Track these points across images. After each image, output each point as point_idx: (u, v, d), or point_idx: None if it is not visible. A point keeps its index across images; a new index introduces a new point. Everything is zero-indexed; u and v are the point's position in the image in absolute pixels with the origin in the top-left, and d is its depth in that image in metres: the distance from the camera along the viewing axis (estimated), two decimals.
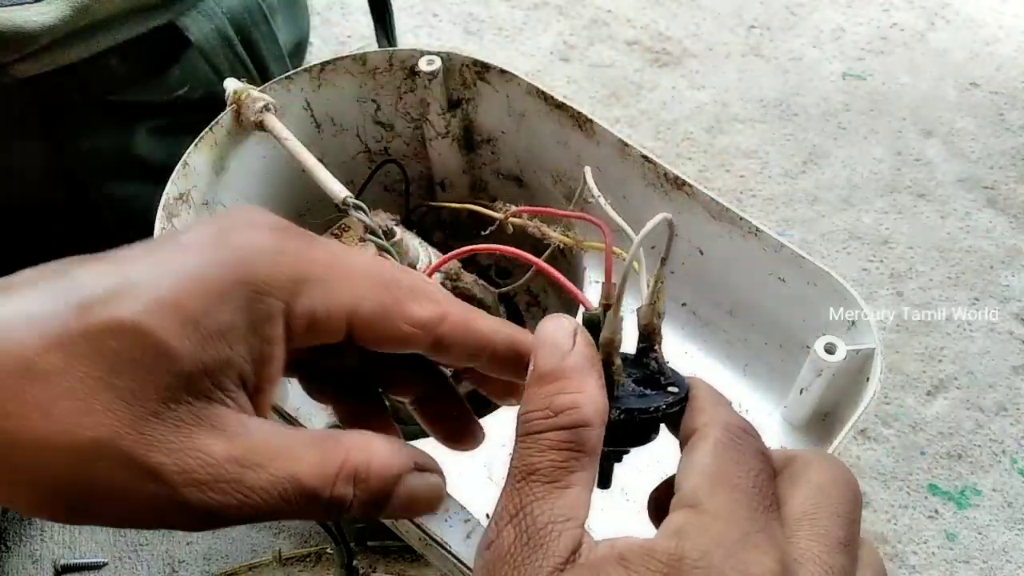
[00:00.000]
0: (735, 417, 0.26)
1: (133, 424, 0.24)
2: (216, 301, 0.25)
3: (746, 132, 0.82)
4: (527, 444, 0.25)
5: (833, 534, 0.24)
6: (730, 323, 0.51)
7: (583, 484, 0.25)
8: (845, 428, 0.41)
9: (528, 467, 0.25)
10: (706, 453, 0.25)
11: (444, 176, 0.59)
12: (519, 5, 0.94)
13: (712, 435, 0.25)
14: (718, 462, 0.24)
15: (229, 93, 0.50)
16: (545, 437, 0.25)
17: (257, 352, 0.26)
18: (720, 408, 0.26)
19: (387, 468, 0.27)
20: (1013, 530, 0.59)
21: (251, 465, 0.25)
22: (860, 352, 0.42)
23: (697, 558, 0.22)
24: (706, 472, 0.24)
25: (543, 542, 0.23)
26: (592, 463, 0.25)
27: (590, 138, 0.50)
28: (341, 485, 0.26)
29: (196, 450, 0.24)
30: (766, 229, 0.46)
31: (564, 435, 0.25)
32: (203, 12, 0.60)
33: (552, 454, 0.25)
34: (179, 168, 0.48)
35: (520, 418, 0.26)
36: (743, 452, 0.25)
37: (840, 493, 0.25)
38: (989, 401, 0.65)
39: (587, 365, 0.26)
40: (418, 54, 0.53)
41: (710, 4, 0.93)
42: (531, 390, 0.26)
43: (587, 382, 0.26)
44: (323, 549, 0.56)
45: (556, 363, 0.26)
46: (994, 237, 0.74)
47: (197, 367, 0.25)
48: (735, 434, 0.25)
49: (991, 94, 0.84)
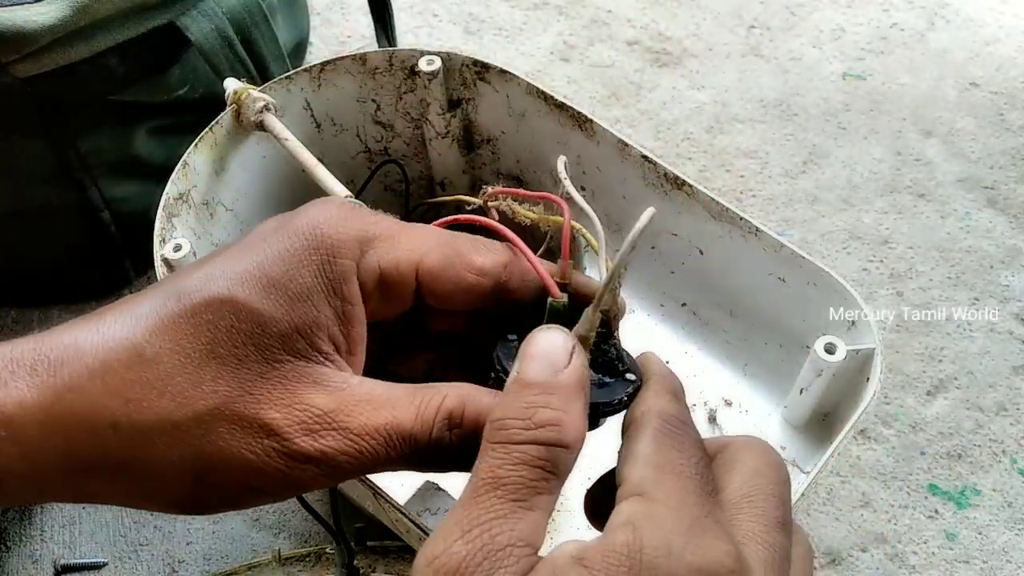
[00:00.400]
0: (673, 406, 0.26)
1: (242, 387, 0.26)
2: (296, 266, 0.27)
3: (746, 132, 0.82)
4: (499, 453, 0.24)
5: (771, 514, 0.25)
6: (730, 323, 0.51)
7: (545, 509, 0.24)
8: (845, 428, 0.41)
9: (495, 479, 0.23)
10: (647, 442, 0.25)
11: (444, 176, 0.59)
12: (519, 5, 0.94)
13: (651, 424, 0.26)
14: (660, 450, 0.25)
15: (229, 93, 0.50)
16: (520, 449, 0.24)
17: (341, 312, 0.28)
18: (660, 397, 0.27)
19: (480, 414, 0.27)
20: (1013, 530, 0.59)
21: (355, 414, 0.26)
22: (860, 352, 0.43)
23: (657, 546, 0.22)
24: (650, 461, 0.24)
25: (499, 566, 0.22)
26: (558, 489, 0.24)
27: (590, 138, 0.50)
28: (438, 429, 0.27)
29: (303, 403, 0.26)
30: (766, 229, 0.46)
31: (540, 451, 0.24)
32: (203, 12, 0.60)
33: (524, 470, 0.23)
34: (179, 168, 0.48)
35: (493, 423, 0.25)
36: (682, 441, 0.25)
37: (774, 475, 0.26)
38: (989, 401, 0.65)
39: (578, 388, 0.25)
40: (418, 54, 0.53)
41: (710, 4, 0.93)
42: (511, 396, 0.25)
43: (574, 405, 0.25)
44: (323, 549, 0.56)
45: (547, 377, 0.25)
46: (994, 237, 0.74)
47: (290, 327, 0.27)
48: (673, 424, 0.26)
49: (991, 94, 0.84)
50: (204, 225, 0.50)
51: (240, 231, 0.54)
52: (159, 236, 0.46)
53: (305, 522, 0.60)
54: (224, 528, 0.61)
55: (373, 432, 0.26)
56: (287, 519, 0.61)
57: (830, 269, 0.44)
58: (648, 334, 0.54)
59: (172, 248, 0.45)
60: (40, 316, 0.72)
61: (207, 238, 0.50)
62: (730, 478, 0.26)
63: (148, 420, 0.25)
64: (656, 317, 0.55)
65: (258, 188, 0.54)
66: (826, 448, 0.42)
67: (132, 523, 0.61)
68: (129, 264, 0.71)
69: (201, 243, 0.49)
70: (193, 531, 0.61)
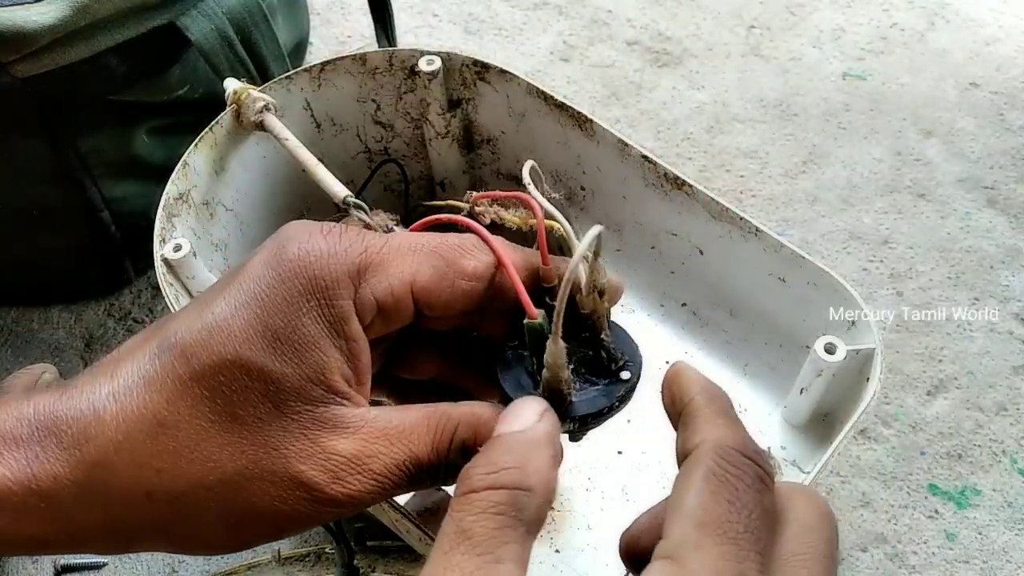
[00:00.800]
0: (732, 433, 0.24)
1: (267, 444, 0.27)
2: (296, 315, 0.28)
3: (746, 132, 0.82)
4: (463, 504, 0.24)
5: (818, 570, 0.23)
6: (730, 323, 0.51)
7: (515, 560, 0.23)
8: (845, 428, 0.41)
9: (460, 531, 0.23)
10: (696, 491, 0.23)
11: (444, 176, 0.59)
12: (519, 5, 0.94)
13: (704, 463, 0.23)
14: (708, 503, 0.22)
15: (229, 93, 0.50)
16: (481, 496, 0.24)
17: (346, 351, 0.28)
18: (715, 423, 0.25)
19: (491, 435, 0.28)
20: (1013, 530, 0.59)
21: (375, 454, 0.28)
22: (860, 352, 0.42)
23: None
24: (694, 517, 0.22)
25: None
26: (528, 538, 0.24)
27: (590, 138, 0.50)
28: (454, 456, 0.28)
29: (327, 452, 0.27)
30: (766, 229, 0.46)
31: (502, 496, 0.23)
32: (203, 12, 0.60)
33: (487, 519, 0.23)
34: (179, 168, 0.48)
35: (461, 475, 0.25)
36: (738, 486, 0.23)
37: (826, 532, 0.24)
38: (989, 401, 0.65)
39: (544, 441, 0.26)
40: (418, 54, 0.53)
41: (710, 4, 0.93)
42: (481, 452, 0.26)
43: (539, 452, 0.25)
44: (322, 548, 0.56)
45: (513, 432, 0.26)
46: (994, 237, 0.74)
47: (303, 379, 0.27)
48: (732, 461, 0.23)
49: (991, 94, 0.84)
50: (204, 225, 0.50)
51: (240, 231, 0.54)
52: (159, 236, 0.46)
53: None
54: None
55: (394, 469, 0.28)
56: None
57: (830, 269, 0.44)
58: (648, 334, 0.54)
59: (172, 248, 0.45)
60: (40, 316, 0.72)
61: (207, 238, 0.50)
62: (780, 530, 0.24)
63: (181, 487, 0.26)
64: (656, 317, 0.55)
65: (258, 188, 0.54)
66: (826, 448, 0.42)
67: None
68: (129, 264, 0.71)
69: (201, 243, 0.49)
70: None
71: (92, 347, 0.70)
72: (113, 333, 0.71)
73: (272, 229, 0.56)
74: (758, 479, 0.23)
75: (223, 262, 0.52)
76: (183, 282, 0.46)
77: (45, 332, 0.71)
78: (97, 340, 0.70)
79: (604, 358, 0.30)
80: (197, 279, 0.47)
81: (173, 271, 0.46)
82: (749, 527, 0.22)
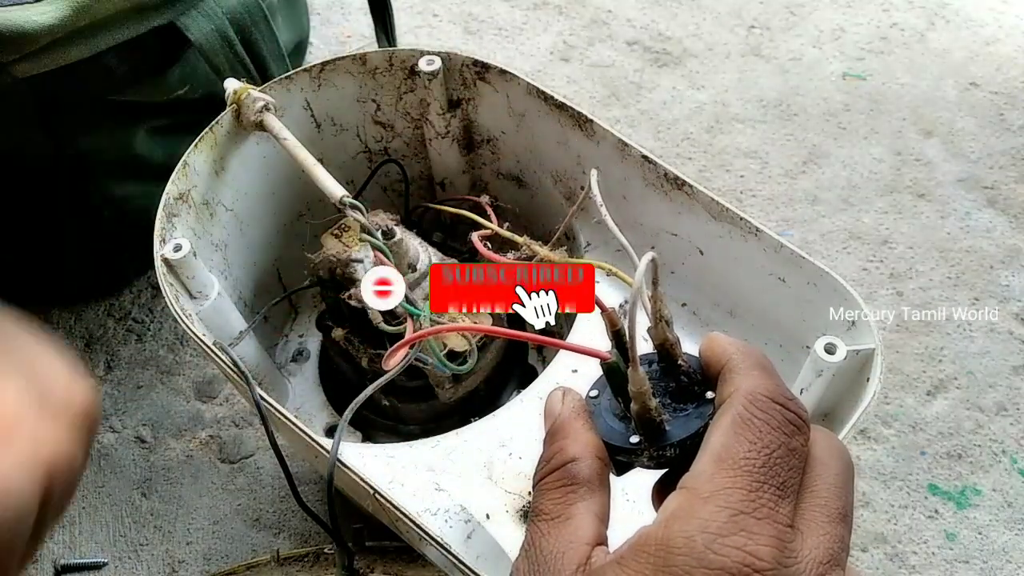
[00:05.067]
0: (763, 381, 0.26)
1: None
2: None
3: (746, 132, 0.82)
4: (535, 493, 0.28)
5: (832, 505, 0.25)
6: (730, 323, 0.51)
7: (585, 511, 0.27)
8: (845, 428, 0.41)
9: (536, 511, 0.28)
10: (721, 431, 0.25)
11: (444, 176, 0.59)
12: (519, 5, 0.94)
13: (732, 410, 0.25)
14: (730, 441, 0.25)
15: (229, 93, 0.50)
16: (543, 483, 0.28)
17: None
18: (749, 374, 0.26)
19: None
20: (1013, 530, 0.59)
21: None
22: (860, 352, 0.42)
23: (680, 545, 0.23)
24: (714, 453, 0.25)
25: (550, 565, 0.26)
26: (591, 491, 0.27)
27: (590, 138, 0.50)
28: None
29: None
30: (766, 229, 0.46)
31: (556, 475, 0.28)
32: (203, 12, 0.60)
33: (551, 494, 0.27)
34: (179, 168, 0.48)
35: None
36: (762, 428, 0.25)
37: (836, 464, 0.26)
38: (989, 401, 0.65)
39: (572, 416, 0.29)
40: (418, 54, 0.53)
41: (710, 4, 0.93)
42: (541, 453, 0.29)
43: (572, 426, 0.29)
44: (321, 549, 0.56)
45: (550, 425, 0.29)
46: (994, 237, 0.74)
47: None
48: (759, 405, 0.25)
49: (991, 94, 0.84)
50: (204, 225, 0.50)
51: (240, 231, 0.54)
52: (159, 236, 0.46)
53: (305, 522, 0.60)
54: (224, 528, 0.61)
55: None
56: (287, 519, 0.61)
57: (830, 269, 0.44)
58: None
59: (172, 248, 0.45)
60: (40, 316, 0.72)
61: (207, 238, 0.50)
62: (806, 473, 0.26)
63: None
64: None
65: (258, 188, 0.54)
66: None
67: (132, 523, 0.61)
68: (129, 264, 0.71)
69: (201, 243, 0.49)
70: (193, 531, 0.61)
71: (92, 347, 0.70)
72: (113, 333, 0.71)
73: (272, 228, 0.57)
74: (787, 422, 0.25)
75: (223, 262, 0.52)
76: (183, 282, 0.46)
77: (45, 332, 0.71)
78: (97, 340, 0.70)
79: (686, 383, 0.29)
80: (197, 279, 0.46)
81: (173, 271, 0.46)
82: (769, 463, 0.24)
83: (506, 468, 0.43)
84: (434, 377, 0.49)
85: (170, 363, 0.69)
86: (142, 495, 0.63)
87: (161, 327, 0.71)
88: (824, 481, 0.25)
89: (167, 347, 0.70)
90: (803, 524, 0.24)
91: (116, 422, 0.66)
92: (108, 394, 0.68)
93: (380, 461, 0.43)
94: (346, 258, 0.49)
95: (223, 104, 0.50)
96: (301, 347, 0.61)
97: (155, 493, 0.63)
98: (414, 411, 0.54)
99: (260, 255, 0.56)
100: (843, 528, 0.25)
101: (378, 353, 0.49)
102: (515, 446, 0.44)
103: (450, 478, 0.43)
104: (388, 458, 0.43)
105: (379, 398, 0.52)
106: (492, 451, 0.44)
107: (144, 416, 0.66)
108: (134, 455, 0.65)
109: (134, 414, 0.66)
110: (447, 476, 0.43)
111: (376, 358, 0.49)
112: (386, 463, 0.43)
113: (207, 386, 0.68)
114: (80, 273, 0.71)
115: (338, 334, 0.51)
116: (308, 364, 0.60)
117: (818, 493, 0.25)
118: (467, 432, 0.45)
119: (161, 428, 0.66)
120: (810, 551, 0.24)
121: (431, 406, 0.53)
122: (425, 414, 0.54)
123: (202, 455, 0.64)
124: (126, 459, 0.64)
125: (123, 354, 0.70)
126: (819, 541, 0.24)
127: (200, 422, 0.66)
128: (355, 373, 0.53)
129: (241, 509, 0.62)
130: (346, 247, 0.50)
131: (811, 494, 0.25)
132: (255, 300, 0.56)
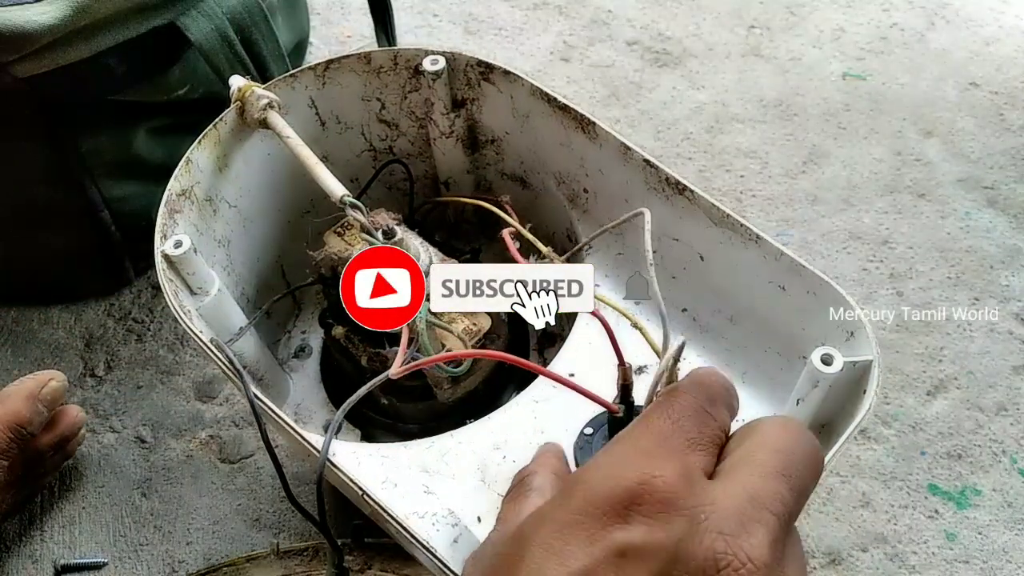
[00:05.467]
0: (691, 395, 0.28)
1: None
2: None
3: (746, 132, 0.82)
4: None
5: (768, 463, 0.25)
6: (730, 330, 0.51)
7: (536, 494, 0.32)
8: (840, 440, 0.40)
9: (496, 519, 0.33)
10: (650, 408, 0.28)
11: (448, 176, 0.59)
12: (519, 5, 0.94)
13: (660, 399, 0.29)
14: (650, 409, 0.28)
15: (234, 90, 0.50)
16: (505, 496, 0.34)
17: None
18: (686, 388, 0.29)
19: None
20: (1013, 530, 0.59)
21: None
22: (857, 364, 0.42)
23: (583, 470, 0.27)
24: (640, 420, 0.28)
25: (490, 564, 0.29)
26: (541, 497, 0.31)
27: (592, 141, 0.50)
28: None
29: None
30: (767, 236, 0.46)
31: (515, 488, 0.33)
32: (203, 12, 0.60)
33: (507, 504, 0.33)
34: (182, 164, 0.48)
35: None
36: (680, 396, 0.28)
37: (782, 436, 0.26)
38: (989, 401, 0.65)
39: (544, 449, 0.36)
40: (422, 53, 0.53)
41: (710, 4, 0.93)
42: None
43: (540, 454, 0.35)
44: (321, 543, 0.56)
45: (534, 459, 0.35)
46: (994, 237, 0.74)
47: None
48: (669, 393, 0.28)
49: (991, 94, 0.84)
50: (207, 221, 0.50)
51: (243, 227, 0.54)
52: (160, 232, 0.45)
53: (304, 522, 0.60)
54: (224, 528, 0.61)
55: None
56: (287, 519, 0.61)
57: (830, 277, 0.44)
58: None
59: (173, 244, 0.45)
60: (40, 316, 0.72)
61: (209, 234, 0.50)
62: (740, 443, 0.27)
63: None
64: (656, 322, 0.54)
65: (262, 185, 0.54)
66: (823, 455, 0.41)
67: (132, 523, 0.61)
68: (129, 264, 0.71)
69: (204, 239, 0.49)
70: (193, 531, 0.61)
71: (92, 347, 0.70)
72: (113, 333, 0.71)
73: (276, 225, 0.56)
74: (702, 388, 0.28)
75: (226, 258, 0.52)
76: (183, 278, 0.46)
77: (45, 332, 0.71)
78: (97, 340, 0.70)
79: None
80: (197, 275, 0.46)
81: (173, 267, 0.45)
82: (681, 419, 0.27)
83: (499, 471, 0.43)
84: (432, 377, 0.49)
85: (170, 363, 0.69)
86: (142, 495, 0.63)
87: (161, 327, 0.71)
88: (764, 447, 0.26)
89: (167, 347, 0.70)
90: (723, 475, 0.25)
91: (116, 422, 0.66)
92: (108, 394, 0.67)
93: (374, 461, 0.43)
94: (348, 256, 0.49)
95: (223, 104, 0.50)
96: (304, 343, 0.61)
97: (155, 493, 0.63)
98: (413, 410, 0.54)
99: (263, 251, 0.56)
100: (778, 483, 0.24)
101: (377, 352, 0.49)
102: (509, 449, 0.44)
103: (443, 480, 0.43)
104: (382, 458, 0.43)
105: (378, 396, 0.52)
106: (486, 454, 0.44)
107: (144, 416, 0.66)
108: (134, 455, 0.64)
109: (134, 414, 0.66)
110: (440, 478, 0.43)
111: (375, 357, 0.49)
112: (380, 463, 0.43)
113: (207, 386, 0.68)
114: (80, 273, 0.71)
115: (339, 332, 0.51)
116: (310, 360, 0.60)
117: (755, 457, 0.25)
118: (462, 434, 0.44)
119: (161, 428, 0.66)
120: (728, 499, 0.24)
121: (430, 406, 0.53)
122: (424, 413, 0.54)
123: (202, 455, 0.64)
124: (126, 459, 0.64)
125: (123, 354, 0.69)
126: (739, 489, 0.24)
127: (200, 422, 0.66)
128: (355, 371, 0.53)
129: (241, 509, 0.62)
130: (348, 245, 0.50)
131: (745, 453, 0.26)
132: (258, 296, 0.56)
